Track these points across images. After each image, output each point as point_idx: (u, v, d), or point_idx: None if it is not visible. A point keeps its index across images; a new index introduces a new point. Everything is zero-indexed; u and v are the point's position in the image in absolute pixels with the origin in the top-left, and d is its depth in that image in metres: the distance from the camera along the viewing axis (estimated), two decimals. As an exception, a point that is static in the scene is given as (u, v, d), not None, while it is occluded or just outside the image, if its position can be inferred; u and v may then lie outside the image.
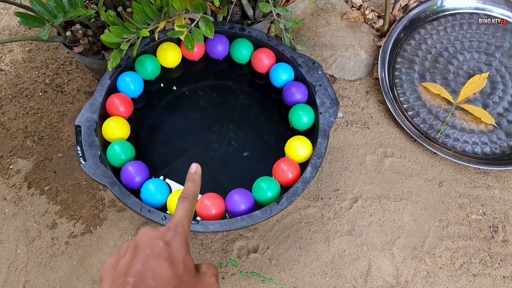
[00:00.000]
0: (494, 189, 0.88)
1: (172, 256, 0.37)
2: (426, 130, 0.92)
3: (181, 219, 0.41)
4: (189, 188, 0.45)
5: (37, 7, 0.67)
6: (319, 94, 0.77)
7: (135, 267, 0.35)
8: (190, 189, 0.45)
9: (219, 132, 0.78)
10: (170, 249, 0.38)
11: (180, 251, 0.38)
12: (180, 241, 0.39)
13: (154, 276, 0.35)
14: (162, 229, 0.40)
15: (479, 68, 0.98)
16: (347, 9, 1.06)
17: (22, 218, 0.84)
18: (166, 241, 0.38)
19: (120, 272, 0.36)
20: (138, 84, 0.77)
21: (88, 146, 0.69)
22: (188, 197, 0.44)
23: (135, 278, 0.35)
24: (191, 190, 0.45)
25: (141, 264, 0.36)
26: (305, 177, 0.69)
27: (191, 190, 0.45)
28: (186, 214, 0.42)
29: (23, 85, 0.99)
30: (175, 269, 0.36)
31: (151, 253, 0.37)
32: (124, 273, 0.35)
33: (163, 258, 0.36)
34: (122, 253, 0.38)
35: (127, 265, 0.36)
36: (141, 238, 0.38)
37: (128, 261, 0.36)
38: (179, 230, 0.40)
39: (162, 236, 0.38)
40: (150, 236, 0.38)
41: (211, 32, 0.71)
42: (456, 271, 0.81)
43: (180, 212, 0.42)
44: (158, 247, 0.37)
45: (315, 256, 0.82)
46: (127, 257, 0.37)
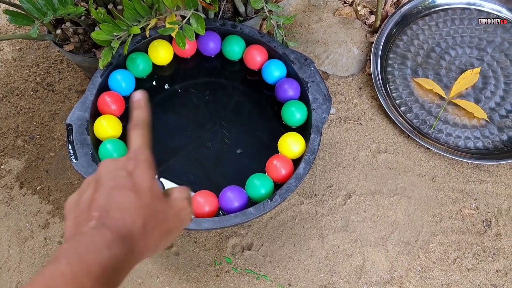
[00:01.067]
0: (486, 184, 0.89)
1: (136, 185, 0.35)
2: (419, 126, 0.93)
3: (139, 146, 0.39)
4: (138, 115, 0.42)
5: (26, 5, 0.66)
6: (312, 90, 0.76)
7: (98, 201, 0.34)
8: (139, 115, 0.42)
9: (212, 129, 0.77)
10: (133, 178, 0.36)
11: (145, 178, 0.36)
12: (144, 169, 0.37)
13: (119, 207, 0.33)
14: (122, 159, 0.37)
15: (471, 63, 0.98)
16: (339, 5, 1.05)
17: (14, 218, 0.84)
18: (129, 170, 0.36)
19: (83, 208, 0.34)
20: (130, 82, 0.77)
21: (79, 144, 0.69)
22: (139, 124, 0.41)
23: (99, 211, 0.33)
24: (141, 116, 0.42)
25: (104, 197, 0.34)
26: (298, 173, 0.69)
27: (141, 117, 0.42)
28: (142, 141, 0.40)
29: (13, 84, 0.98)
30: (141, 198, 0.35)
31: (114, 184, 0.35)
32: (87, 208, 0.34)
33: (127, 188, 0.35)
34: (84, 189, 0.36)
35: (89, 200, 0.34)
36: (102, 171, 0.36)
37: (90, 196, 0.34)
38: (141, 157, 0.38)
39: (123, 167, 0.36)
40: (112, 167, 0.36)
41: (202, 29, 0.70)
42: (449, 265, 0.82)
43: (136, 140, 0.40)
44: (120, 177, 0.35)
45: (309, 252, 0.82)
46: (89, 192, 0.35)
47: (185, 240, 0.81)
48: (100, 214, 0.33)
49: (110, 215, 0.33)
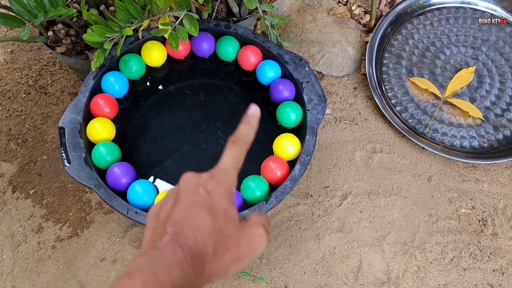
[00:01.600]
0: (482, 183, 0.89)
1: (213, 207, 0.35)
2: (414, 125, 0.92)
3: (227, 166, 0.38)
4: (243, 132, 0.41)
5: (17, 7, 0.65)
6: (307, 91, 0.76)
7: (174, 216, 0.34)
8: (244, 132, 0.41)
9: (207, 131, 0.77)
10: (211, 198, 0.35)
11: (222, 201, 0.35)
12: (223, 191, 0.36)
13: (192, 226, 0.33)
14: (205, 175, 0.37)
15: (466, 62, 0.98)
16: (334, 5, 1.05)
17: (7, 223, 0.83)
18: (208, 189, 0.35)
19: (161, 221, 0.34)
20: (123, 84, 0.76)
21: (72, 148, 0.68)
22: (238, 141, 0.39)
23: (174, 227, 0.33)
24: (244, 134, 0.40)
25: (181, 213, 0.34)
26: (294, 175, 0.69)
27: (244, 134, 0.40)
28: (233, 161, 0.38)
29: (5, 87, 0.97)
30: (214, 220, 0.34)
31: (191, 202, 0.35)
32: (164, 221, 0.34)
33: (204, 208, 0.34)
34: (165, 201, 0.37)
35: (167, 214, 0.35)
36: (182, 185, 0.36)
37: (169, 210, 0.35)
38: (223, 179, 0.37)
39: (204, 185, 0.36)
40: (192, 183, 0.36)
41: (196, 30, 0.70)
42: (446, 265, 0.81)
43: (227, 158, 0.38)
44: (199, 195, 0.35)
45: (305, 254, 0.81)
46: (168, 205, 0.36)
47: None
48: (174, 230, 0.33)
49: (184, 233, 0.33)
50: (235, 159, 0.39)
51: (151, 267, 0.30)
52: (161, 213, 0.35)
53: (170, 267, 0.31)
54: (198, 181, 0.36)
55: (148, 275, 0.30)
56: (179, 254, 0.32)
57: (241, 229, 0.36)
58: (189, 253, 0.32)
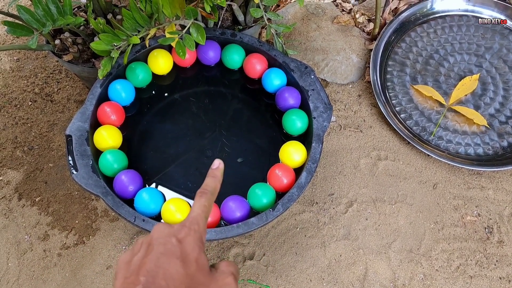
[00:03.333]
0: (488, 190, 0.89)
1: (184, 255, 0.36)
2: (419, 133, 0.92)
3: (197, 216, 0.40)
4: (209, 184, 0.43)
5: (25, 16, 0.66)
6: (312, 99, 0.76)
7: (147, 265, 0.34)
8: (210, 184, 0.43)
9: (212, 138, 0.77)
10: (182, 247, 0.36)
11: (193, 249, 0.37)
12: (194, 239, 0.37)
13: (165, 275, 0.34)
14: (176, 226, 0.38)
15: (469, 69, 0.98)
16: (338, 13, 1.06)
17: (13, 230, 0.83)
18: (179, 238, 0.37)
19: (132, 270, 0.35)
20: (130, 92, 0.76)
21: (79, 155, 0.68)
22: (206, 193, 0.42)
23: (146, 277, 0.34)
24: (211, 186, 0.43)
25: (153, 262, 0.35)
26: (300, 182, 0.69)
27: (211, 186, 0.43)
28: (202, 211, 0.40)
29: (11, 95, 0.97)
30: (187, 268, 0.35)
31: (163, 251, 0.35)
32: (136, 271, 0.35)
33: (175, 256, 0.35)
34: (136, 250, 0.37)
35: (139, 263, 0.35)
36: (154, 235, 0.37)
37: (140, 259, 0.36)
38: (194, 228, 0.38)
39: (175, 234, 0.37)
40: (164, 233, 0.37)
41: (203, 38, 0.70)
42: (452, 273, 0.81)
43: (197, 208, 0.40)
44: (171, 244, 0.36)
45: (311, 261, 0.81)
46: (140, 254, 0.36)
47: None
48: (147, 279, 0.34)
49: (156, 282, 0.34)
50: (204, 208, 0.41)
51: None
52: (133, 262, 0.36)
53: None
54: (170, 231, 0.38)
55: None
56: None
57: (211, 277, 0.38)
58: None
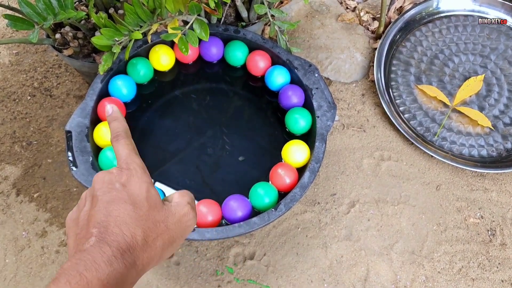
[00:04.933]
0: (491, 192, 0.88)
1: (132, 197, 0.34)
2: (422, 133, 0.91)
3: (128, 155, 0.38)
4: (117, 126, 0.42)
5: (26, 9, 0.64)
6: (316, 98, 0.75)
7: (95, 217, 0.33)
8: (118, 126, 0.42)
9: (214, 136, 0.76)
10: (128, 189, 0.35)
11: (140, 188, 0.35)
12: (138, 178, 0.36)
13: (117, 222, 0.33)
14: (114, 170, 0.36)
15: (474, 70, 0.97)
16: (342, 11, 1.04)
17: (10, 227, 0.81)
18: (122, 182, 0.35)
19: (82, 225, 0.34)
20: (131, 88, 0.75)
21: (79, 152, 0.67)
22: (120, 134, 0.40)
23: (98, 228, 0.32)
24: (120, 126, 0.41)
25: (102, 212, 0.33)
26: (303, 182, 0.68)
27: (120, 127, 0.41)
28: (129, 149, 0.39)
29: (10, 89, 0.96)
30: (138, 210, 0.34)
31: (109, 198, 0.34)
32: (86, 225, 0.33)
33: (123, 201, 0.34)
34: (81, 205, 0.36)
35: (87, 217, 0.34)
36: (96, 186, 0.35)
37: (88, 212, 0.34)
38: (132, 166, 0.37)
39: (117, 179, 0.35)
40: (105, 181, 0.35)
41: (206, 34, 0.69)
42: (454, 275, 0.80)
43: (122, 150, 0.39)
44: (115, 190, 0.34)
45: (312, 262, 0.80)
46: (86, 208, 0.35)
47: (186, 250, 0.80)
48: (99, 230, 0.32)
49: (109, 231, 0.32)
50: (129, 146, 0.39)
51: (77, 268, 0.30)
52: (80, 218, 0.35)
53: (97, 264, 0.30)
54: (110, 177, 0.36)
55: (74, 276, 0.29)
56: (107, 252, 0.31)
57: (167, 211, 0.36)
58: (118, 249, 0.32)
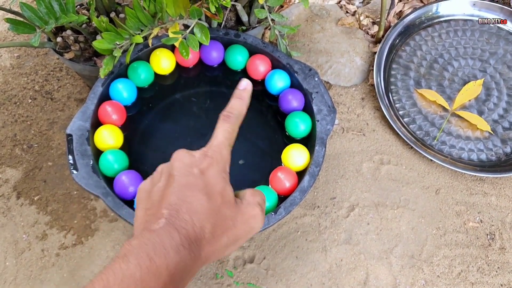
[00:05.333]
0: (490, 196, 0.88)
1: (208, 187, 0.34)
2: (422, 137, 0.92)
3: (220, 144, 0.37)
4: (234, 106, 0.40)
5: (28, 13, 0.65)
6: (316, 102, 0.76)
7: (169, 197, 0.32)
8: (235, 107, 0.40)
9: (215, 140, 0.76)
10: (206, 178, 0.34)
11: (217, 181, 0.34)
12: (217, 170, 0.35)
13: (189, 209, 0.32)
14: (198, 154, 0.36)
15: (474, 74, 0.97)
16: (342, 15, 1.05)
17: (10, 229, 0.82)
18: (202, 169, 0.34)
19: (154, 201, 0.33)
20: (131, 91, 0.75)
21: (80, 155, 0.67)
22: (231, 117, 0.39)
23: (169, 210, 0.32)
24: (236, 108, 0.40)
25: (176, 195, 0.33)
26: (303, 186, 0.68)
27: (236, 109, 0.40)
28: (226, 137, 0.38)
29: (11, 92, 0.96)
30: (211, 202, 0.33)
31: (186, 182, 0.33)
32: (157, 202, 0.33)
33: (199, 189, 0.33)
34: (156, 179, 0.35)
35: (161, 194, 0.33)
36: (175, 164, 0.35)
37: (162, 190, 0.34)
38: (216, 157, 0.36)
39: (197, 163, 0.35)
40: (186, 162, 0.35)
41: (207, 39, 0.69)
42: (454, 279, 0.80)
43: (220, 135, 0.37)
44: (193, 176, 0.34)
45: (312, 265, 0.80)
46: (160, 184, 0.34)
47: (186, 253, 0.80)
48: (170, 213, 0.32)
49: (180, 216, 0.32)
50: (228, 135, 0.38)
51: (147, 251, 0.29)
52: (153, 193, 0.34)
53: (166, 251, 0.30)
54: (192, 160, 0.35)
55: (144, 259, 0.29)
56: (176, 238, 0.31)
57: (237, 209, 0.36)
58: (186, 237, 0.31)
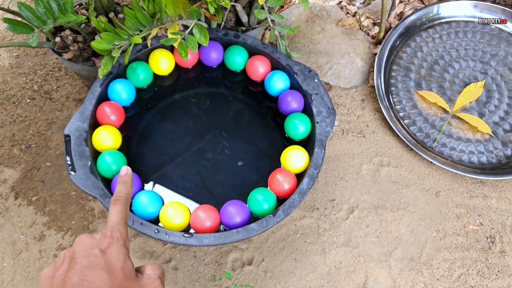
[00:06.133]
0: (490, 199, 0.87)
1: (109, 265, 0.36)
2: (422, 139, 0.91)
3: (116, 223, 0.40)
4: (121, 190, 0.45)
5: (26, 13, 0.64)
6: (316, 103, 0.75)
7: (71, 279, 0.34)
8: (122, 191, 0.45)
9: (213, 140, 0.76)
10: (107, 257, 0.36)
11: (118, 258, 0.37)
12: (117, 247, 0.37)
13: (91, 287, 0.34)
14: (98, 236, 0.38)
15: (474, 76, 0.97)
16: (342, 16, 1.04)
17: (8, 230, 0.81)
18: (102, 249, 0.37)
19: (56, 285, 0.34)
20: (130, 92, 0.75)
21: (78, 156, 0.67)
22: (120, 200, 0.43)
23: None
24: (123, 192, 0.45)
25: (78, 276, 0.34)
26: (302, 188, 0.67)
27: (123, 192, 0.45)
28: (121, 217, 0.41)
29: (10, 92, 0.96)
30: (112, 278, 0.35)
31: (87, 263, 0.35)
32: (60, 285, 0.34)
33: (100, 267, 0.35)
34: (58, 264, 0.37)
35: (63, 278, 0.35)
36: (77, 248, 0.37)
37: (64, 273, 0.35)
38: (116, 236, 0.38)
39: (98, 244, 0.37)
40: (86, 245, 0.37)
41: (206, 39, 0.69)
42: (453, 282, 0.80)
43: (114, 216, 0.41)
44: (94, 256, 0.36)
45: (311, 268, 0.80)
46: (63, 268, 0.36)
47: (184, 254, 0.79)
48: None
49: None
50: (122, 215, 0.41)
51: None
52: (56, 278, 0.35)
53: None
54: (92, 242, 0.37)
55: None
56: None
57: (138, 283, 0.38)
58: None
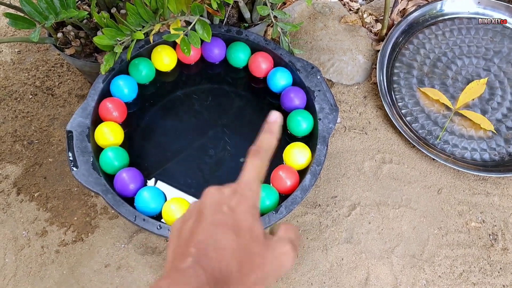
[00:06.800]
0: (493, 196, 0.87)
1: (237, 225, 0.33)
2: (424, 136, 0.91)
3: (250, 179, 0.36)
4: (264, 141, 0.39)
5: (28, 8, 0.64)
6: (318, 100, 0.75)
7: (197, 235, 0.32)
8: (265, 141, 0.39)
9: (215, 137, 0.75)
10: (235, 215, 0.34)
11: (246, 218, 0.34)
12: (247, 207, 0.34)
13: (216, 247, 0.32)
14: (227, 191, 0.35)
15: (477, 73, 0.97)
16: (345, 13, 1.04)
17: (10, 226, 0.81)
18: (231, 206, 0.34)
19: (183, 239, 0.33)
20: (132, 88, 0.75)
21: (80, 152, 0.67)
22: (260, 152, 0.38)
23: (197, 248, 0.31)
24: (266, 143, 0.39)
25: (204, 232, 0.32)
26: (304, 185, 0.67)
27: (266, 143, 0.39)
28: (255, 173, 0.37)
29: (12, 88, 0.96)
30: (239, 239, 0.33)
31: (215, 220, 0.33)
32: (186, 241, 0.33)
33: (227, 226, 0.33)
34: (187, 217, 0.35)
35: (190, 232, 0.33)
36: (206, 201, 0.35)
37: (191, 227, 0.33)
38: (246, 194, 0.35)
39: (227, 201, 0.34)
40: (215, 199, 0.35)
41: (209, 35, 0.69)
42: (455, 279, 0.80)
43: (249, 171, 0.37)
44: (222, 214, 0.33)
45: (312, 264, 0.80)
46: (190, 222, 0.34)
47: (186, 251, 0.79)
48: (197, 251, 0.32)
49: (207, 254, 0.31)
50: (258, 170, 0.37)
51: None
52: (183, 231, 0.34)
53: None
54: (221, 197, 0.35)
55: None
56: (202, 278, 0.30)
57: (267, 246, 0.35)
58: (212, 276, 0.31)
